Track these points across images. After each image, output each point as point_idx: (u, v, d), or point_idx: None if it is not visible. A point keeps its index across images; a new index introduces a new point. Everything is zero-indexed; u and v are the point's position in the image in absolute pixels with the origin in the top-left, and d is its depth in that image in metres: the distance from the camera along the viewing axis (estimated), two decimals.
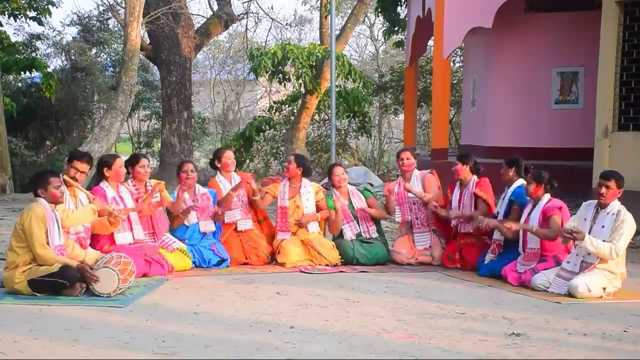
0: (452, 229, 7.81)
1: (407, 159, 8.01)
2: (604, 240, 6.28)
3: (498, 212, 7.42)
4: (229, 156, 7.96)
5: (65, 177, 6.45)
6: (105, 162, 7.05)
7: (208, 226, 7.56)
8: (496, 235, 7.25)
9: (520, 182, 7.30)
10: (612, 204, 6.41)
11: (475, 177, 7.73)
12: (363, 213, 7.98)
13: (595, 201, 6.49)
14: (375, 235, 8.01)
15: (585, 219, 6.48)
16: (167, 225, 7.43)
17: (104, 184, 7.00)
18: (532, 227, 6.72)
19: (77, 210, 6.39)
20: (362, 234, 7.94)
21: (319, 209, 7.92)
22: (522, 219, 6.92)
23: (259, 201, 7.80)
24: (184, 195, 7.40)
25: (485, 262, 7.28)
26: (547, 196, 6.84)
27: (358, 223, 7.96)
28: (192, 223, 7.50)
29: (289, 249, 7.62)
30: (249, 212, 7.84)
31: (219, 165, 7.91)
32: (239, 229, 7.73)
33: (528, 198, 7.01)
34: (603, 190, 6.37)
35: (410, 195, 7.89)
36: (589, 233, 6.33)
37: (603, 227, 6.35)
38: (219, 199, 7.70)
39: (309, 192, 7.93)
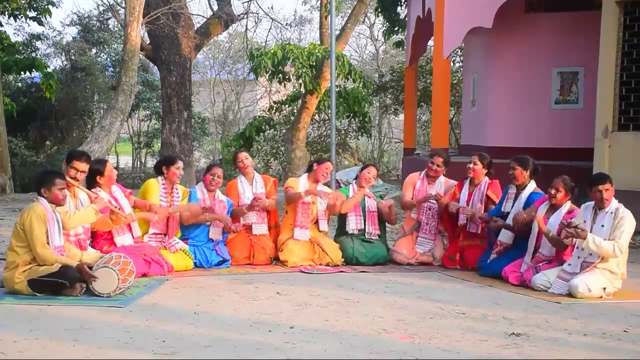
0: (458, 227, 7.75)
1: (438, 166, 7.96)
2: (604, 239, 6.28)
3: (508, 213, 7.23)
4: (240, 158, 8.02)
5: (66, 177, 6.43)
6: (97, 170, 6.93)
7: (217, 235, 7.57)
8: (503, 238, 7.19)
9: (533, 185, 7.23)
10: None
11: (487, 179, 7.69)
12: (372, 217, 7.99)
13: (593, 202, 6.51)
14: (376, 237, 8.02)
15: (585, 221, 6.49)
16: (177, 230, 7.46)
17: (96, 189, 6.88)
18: (549, 231, 6.66)
19: (79, 211, 6.38)
20: (365, 233, 7.95)
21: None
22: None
23: (271, 205, 7.92)
24: (204, 195, 7.58)
25: (488, 261, 7.25)
26: (569, 203, 6.79)
27: (364, 221, 7.97)
28: (205, 224, 7.55)
29: (293, 248, 7.65)
30: (264, 217, 7.90)
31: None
32: (254, 232, 7.78)
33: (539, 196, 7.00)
34: (605, 195, 6.39)
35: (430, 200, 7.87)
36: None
37: (603, 226, 6.38)
38: (233, 209, 7.74)
39: (322, 188, 8.05)
